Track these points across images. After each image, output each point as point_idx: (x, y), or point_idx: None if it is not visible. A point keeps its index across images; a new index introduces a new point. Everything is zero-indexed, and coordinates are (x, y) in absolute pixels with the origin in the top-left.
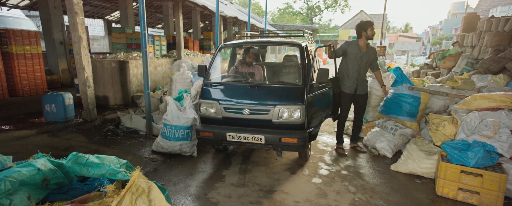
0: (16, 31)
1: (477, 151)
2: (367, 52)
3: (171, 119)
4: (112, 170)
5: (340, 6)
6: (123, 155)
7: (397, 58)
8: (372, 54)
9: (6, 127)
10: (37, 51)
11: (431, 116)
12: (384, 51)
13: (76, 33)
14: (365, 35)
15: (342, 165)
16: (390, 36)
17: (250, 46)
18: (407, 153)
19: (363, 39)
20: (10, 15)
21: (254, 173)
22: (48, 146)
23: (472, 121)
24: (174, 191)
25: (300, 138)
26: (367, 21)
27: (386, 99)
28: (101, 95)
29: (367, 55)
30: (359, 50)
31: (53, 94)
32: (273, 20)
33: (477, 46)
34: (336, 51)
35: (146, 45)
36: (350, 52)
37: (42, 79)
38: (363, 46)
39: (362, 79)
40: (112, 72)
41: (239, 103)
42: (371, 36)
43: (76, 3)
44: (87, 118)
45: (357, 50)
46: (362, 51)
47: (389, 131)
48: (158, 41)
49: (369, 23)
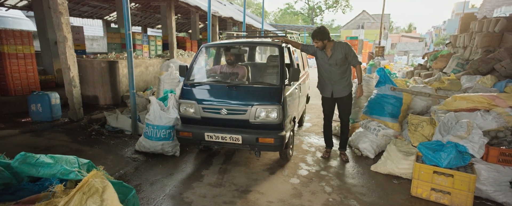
0: (8, 31)
1: (450, 152)
2: (334, 54)
3: (154, 119)
4: (64, 170)
5: (341, 7)
6: (104, 154)
7: (398, 59)
8: (340, 53)
9: None
10: (29, 51)
11: (410, 116)
12: (383, 51)
13: (61, 33)
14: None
15: (323, 166)
16: (393, 36)
17: (231, 47)
18: (386, 154)
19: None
20: (10, 15)
21: (233, 173)
22: (28, 145)
23: (448, 122)
24: (150, 191)
25: (276, 138)
26: (315, 32)
27: (370, 99)
28: (91, 95)
29: (334, 57)
30: (324, 54)
31: (39, 93)
32: (275, 20)
33: (468, 46)
34: (305, 47)
35: (131, 45)
36: (319, 56)
37: (34, 79)
38: (328, 51)
39: (336, 82)
40: (102, 72)
41: (217, 103)
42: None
43: (60, 3)
44: (73, 118)
45: (323, 55)
46: (328, 55)
47: (372, 131)
48: (154, 41)
49: (316, 34)
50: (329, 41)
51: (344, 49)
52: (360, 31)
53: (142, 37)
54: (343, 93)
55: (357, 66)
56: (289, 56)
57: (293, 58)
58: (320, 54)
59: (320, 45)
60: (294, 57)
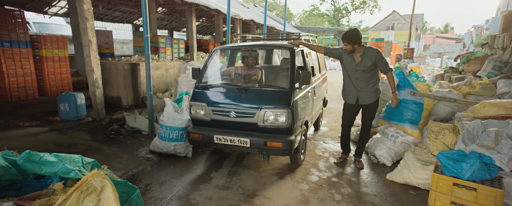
0: (46, 37)
1: (473, 163)
2: (363, 60)
3: (167, 120)
4: (65, 169)
5: (369, 7)
6: (120, 153)
7: (430, 61)
8: (369, 60)
9: (26, 124)
10: (64, 54)
11: (431, 123)
12: (412, 53)
13: (87, 37)
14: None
15: (335, 172)
16: (426, 37)
17: (242, 49)
18: (403, 162)
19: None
20: (53, 22)
21: (242, 176)
22: (54, 142)
23: (474, 130)
24: (158, 191)
25: (285, 142)
26: (346, 34)
27: (388, 104)
28: (115, 95)
29: (362, 63)
30: (352, 59)
31: (67, 94)
32: (301, 22)
33: (509, 47)
34: (329, 50)
35: (149, 48)
36: (345, 61)
37: (68, 80)
38: (357, 56)
39: (363, 88)
40: (125, 74)
41: (226, 105)
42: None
43: (86, 9)
44: (96, 117)
45: (350, 59)
46: (355, 61)
47: (390, 138)
48: (177, 44)
49: (346, 36)
50: (360, 45)
51: (375, 56)
52: (390, 32)
53: (165, 40)
54: (369, 100)
55: (388, 73)
56: (303, 59)
57: (307, 61)
58: (346, 59)
59: (350, 49)
60: (308, 60)
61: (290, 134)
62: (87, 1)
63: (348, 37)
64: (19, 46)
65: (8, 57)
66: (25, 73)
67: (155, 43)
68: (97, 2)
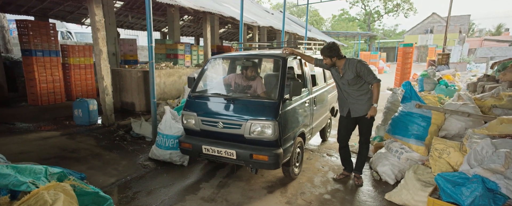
0: (73, 46)
1: (474, 188)
2: (346, 73)
3: (164, 128)
4: (17, 181)
5: (404, 10)
6: (119, 159)
7: (473, 67)
8: (351, 73)
9: (45, 128)
10: (89, 62)
11: (435, 140)
12: (447, 59)
13: (98, 47)
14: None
15: (329, 189)
16: (473, 40)
17: (236, 59)
18: (404, 182)
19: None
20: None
21: (230, 189)
22: (60, 147)
23: (483, 150)
24: (143, 200)
25: (271, 155)
26: (323, 48)
27: (393, 117)
28: (129, 101)
29: (345, 76)
30: (337, 72)
31: (80, 100)
32: (332, 27)
33: None
34: (319, 62)
35: (153, 57)
36: (333, 73)
37: (92, 86)
38: (340, 69)
39: (355, 101)
40: (138, 81)
41: (214, 115)
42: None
43: (98, 20)
44: (105, 123)
45: (336, 72)
46: (340, 73)
47: (394, 153)
48: (196, 51)
49: (323, 50)
50: (339, 58)
51: (356, 68)
52: (428, 36)
53: (184, 47)
54: (361, 112)
55: (374, 84)
56: (301, 68)
57: (306, 70)
58: (333, 71)
59: (329, 62)
60: (306, 69)
61: (278, 147)
62: (98, 13)
63: (324, 51)
64: (50, 55)
65: (40, 65)
66: (54, 80)
67: (174, 50)
68: (127, 12)
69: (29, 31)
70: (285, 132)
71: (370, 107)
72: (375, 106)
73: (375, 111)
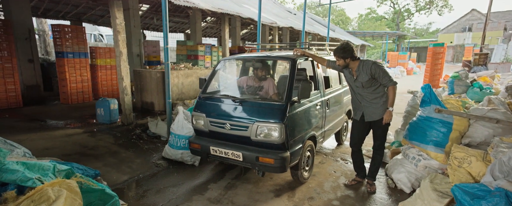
0: (100, 48)
1: (496, 203)
2: (359, 76)
3: (176, 128)
4: (24, 177)
5: (437, 8)
6: (134, 158)
7: None
8: (365, 75)
9: (71, 125)
10: (115, 62)
11: (455, 147)
12: (485, 59)
13: (118, 49)
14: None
15: (340, 195)
16: None
17: (247, 60)
18: (419, 191)
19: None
20: None
21: (238, 190)
22: (81, 144)
23: (510, 161)
24: (151, 199)
25: (277, 159)
26: (336, 49)
27: (411, 122)
28: (149, 101)
29: (359, 79)
30: (351, 74)
31: (103, 100)
32: (359, 27)
33: None
34: (331, 63)
35: (169, 58)
36: (345, 75)
37: (117, 86)
38: (353, 71)
39: (369, 104)
40: (157, 81)
41: (222, 117)
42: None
43: (119, 23)
44: (124, 122)
45: (349, 75)
46: (353, 76)
47: (411, 160)
48: (216, 51)
49: (336, 51)
50: (353, 59)
51: (370, 70)
52: (466, 34)
53: (205, 49)
54: (375, 116)
55: (389, 87)
56: (312, 69)
57: (318, 71)
58: (346, 73)
59: (342, 64)
60: (319, 71)
61: (284, 150)
62: (119, 16)
63: (338, 52)
64: (79, 57)
65: (71, 67)
66: (83, 80)
67: (195, 51)
68: (152, 15)
69: (62, 34)
70: (293, 135)
71: (385, 111)
72: (391, 110)
73: (391, 115)
